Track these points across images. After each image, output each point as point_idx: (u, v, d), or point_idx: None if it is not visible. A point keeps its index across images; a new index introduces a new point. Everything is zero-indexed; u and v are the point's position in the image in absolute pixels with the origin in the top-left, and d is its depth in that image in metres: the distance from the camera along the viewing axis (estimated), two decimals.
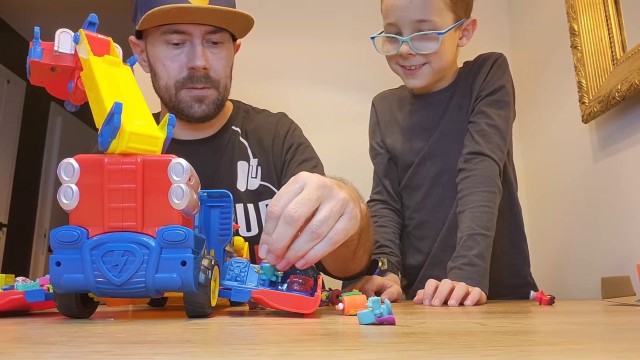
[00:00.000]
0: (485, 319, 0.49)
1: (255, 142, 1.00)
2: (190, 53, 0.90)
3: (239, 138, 1.00)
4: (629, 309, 0.64)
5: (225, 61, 0.95)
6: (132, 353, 0.26)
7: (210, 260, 0.46)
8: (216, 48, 0.93)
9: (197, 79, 0.91)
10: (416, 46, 0.92)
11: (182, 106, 0.93)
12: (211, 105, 0.94)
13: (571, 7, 1.42)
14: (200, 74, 0.91)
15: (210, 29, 0.90)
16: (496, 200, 0.88)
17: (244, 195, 0.96)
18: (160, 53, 0.92)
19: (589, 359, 0.25)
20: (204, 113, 0.93)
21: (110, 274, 0.42)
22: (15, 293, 0.50)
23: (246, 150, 0.99)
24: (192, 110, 0.92)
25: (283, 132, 1.02)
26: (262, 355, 0.26)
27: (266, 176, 0.97)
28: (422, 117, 1.05)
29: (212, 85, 0.93)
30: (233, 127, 1.02)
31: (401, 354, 0.26)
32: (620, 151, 1.23)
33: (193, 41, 0.90)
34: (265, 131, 1.02)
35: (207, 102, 0.93)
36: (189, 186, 0.44)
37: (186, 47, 0.91)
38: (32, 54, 0.50)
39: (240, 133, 1.01)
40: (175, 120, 0.46)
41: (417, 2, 0.90)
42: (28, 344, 0.31)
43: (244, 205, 0.95)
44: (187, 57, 0.90)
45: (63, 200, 0.43)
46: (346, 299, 0.51)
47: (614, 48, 1.26)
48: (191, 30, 0.89)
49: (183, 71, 0.91)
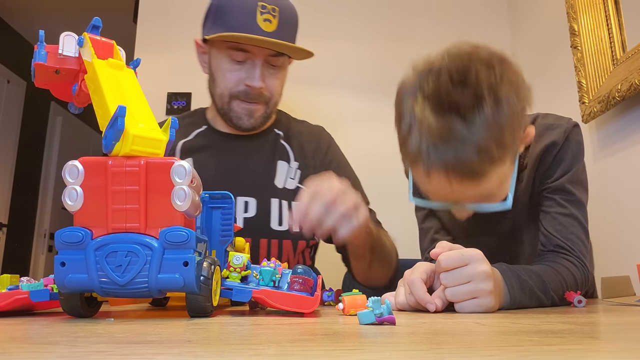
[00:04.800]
0: (485, 319, 0.49)
1: (296, 147, 1.08)
2: (250, 71, 0.98)
3: (281, 140, 1.08)
4: (629, 309, 0.64)
5: (279, 81, 1.02)
6: (133, 353, 0.26)
7: (211, 261, 0.47)
8: (274, 69, 1.00)
9: (251, 96, 0.99)
10: (479, 207, 0.72)
11: (232, 115, 1.01)
12: (259, 119, 1.02)
13: (571, 7, 1.42)
14: (255, 92, 0.98)
15: (272, 52, 0.98)
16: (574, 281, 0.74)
17: (280, 192, 1.02)
18: (223, 65, 0.99)
19: (589, 359, 0.25)
20: (252, 125, 1.02)
21: (114, 274, 0.42)
22: (20, 293, 0.50)
23: (287, 153, 1.06)
24: (240, 121, 1.01)
25: (325, 146, 1.10)
26: (262, 355, 0.26)
27: (304, 180, 1.02)
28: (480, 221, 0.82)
29: (263, 101, 1.01)
30: (275, 129, 1.09)
31: (401, 354, 0.27)
32: (620, 151, 1.23)
33: (255, 61, 0.97)
34: (307, 140, 1.09)
35: (255, 116, 1.01)
36: (191, 188, 0.44)
37: (247, 65, 0.98)
38: (37, 56, 0.50)
39: (282, 136, 1.08)
40: (177, 123, 0.46)
41: (469, 190, 0.68)
42: (28, 344, 0.31)
43: (279, 200, 1.01)
44: (246, 74, 0.98)
45: (68, 201, 0.43)
46: (346, 299, 0.51)
47: (614, 48, 1.26)
48: (255, 52, 0.97)
49: (240, 85, 0.98)
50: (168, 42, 2.01)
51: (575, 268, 0.75)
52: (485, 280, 0.58)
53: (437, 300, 0.58)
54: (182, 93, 1.96)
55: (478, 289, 0.57)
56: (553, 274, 0.71)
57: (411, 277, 0.60)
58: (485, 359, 0.25)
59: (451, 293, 0.58)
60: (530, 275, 0.67)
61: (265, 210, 1.00)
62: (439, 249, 0.60)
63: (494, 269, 0.62)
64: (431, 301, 0.57)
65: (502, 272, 0.64)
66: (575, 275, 0.75)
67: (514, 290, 0.63)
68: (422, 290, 0.59)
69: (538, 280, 0.67)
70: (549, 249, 0.78)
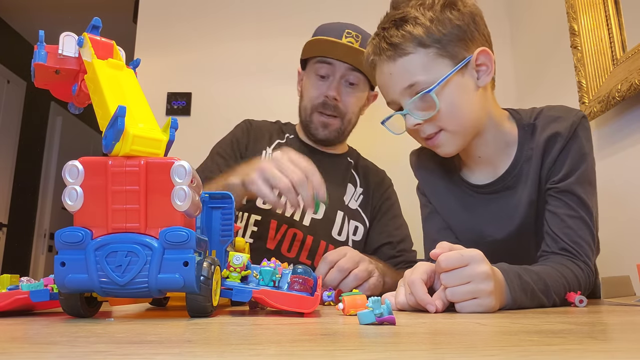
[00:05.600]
0: (485, 319, 0.49)
1: (362, 177, 1.23)
2: (329, 85, 1.13)
3: (351, 168, 1.24)
4: (629, 309, 0.64)
5: (355, 99, 1.16)
6: (133, 353, 0.26)
7: (211, 261, 0.47)
8: (351, 87, 1.15)
9: (327, 106, 1.13)
10: (417, 115, 0.79)
11: (311, 126, 1.17)
12: (333, 132, 1.16)
13: (571, 7, 1.42)
14: (331, 103, 1.13)
15: (349, 67, 1.12)
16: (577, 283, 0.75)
17: (346, 208, 1.17)
18: (309, 81, 1.16)
19: (589, 359, 0.25)
20: (326, 137, 1.17)
21: (114, 274, 0.42)
22: (20, 293, 0.50)
23: (355, 180, 1.23)
24: (317, 132, 1.16)
25: (386, 185, 1.26)
26: (262, 355, 0.26)
27: (363, 205, 1.20)
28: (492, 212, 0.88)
29: (338, 115, 1.14)
30: (348, 158, 1.25)
31: (401, 354, 0.27)
32: (620, 151, 1.23)
33: (335, 75, 1.13)
34: (372, 175, 1.26)
35: (330, 129, 1.16)
36: (191, 188, 0.44)
37: (328, 81, 1.14)
38: (37, 57, 0.50)
39: (352, 165, 1.24)
40: (177, 123, 0.46)
41: (395, 70, 0.79)
42: (28, 344, 0.31)
43: (343, 214, 1.16)
44: (326, 88, 1.13)
45: (68, 201, 0.43)
46: (346, 299, 0.51)
47: (614, 48, 1.26)
48: (335, 66, 1.12)
49: (320, 98, 1.14)
50: (168, 42, 2.01)
51: (581, 272, 0.75)
52: (486, 280, 0.58)
53: (437, 301, 0.58)
54: (182, 93, 1.96)
55: (478, 289, 0.58)
56: (557, 277, 0.71)
57: (411, 278, 0.60)
58: (485, 359, 0.25)
59: (451, 293, 0.58)
60: (532, 277, 0.67)
61: (331, 217, 1.14)
62: (439, 250, 0.60)
63: (494, 268, 0.62)
64: (432, 302, 0.57)
65: (504, 273, 0.64)
66: (579, 279, 0.75)
67: (515, 292, 0.63)
68: (423, 290, 0.59)
69: (540, 282, 0.67)
70: (555, 251, 0.78)
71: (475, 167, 0.90)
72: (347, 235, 1.15)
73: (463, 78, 0.79)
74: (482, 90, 0.81)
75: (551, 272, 0.71)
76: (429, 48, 0.77)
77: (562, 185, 0.80)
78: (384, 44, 0.79)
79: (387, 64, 0.80)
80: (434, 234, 0.93)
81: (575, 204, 0.79)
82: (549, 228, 0.80)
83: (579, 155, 0.81)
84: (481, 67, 0.80)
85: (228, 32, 2.03)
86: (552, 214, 0.80)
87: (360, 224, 1.17)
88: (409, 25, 0.78)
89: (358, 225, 1.17)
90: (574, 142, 0.81)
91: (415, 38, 0.77)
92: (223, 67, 1.99)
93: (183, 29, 2.02)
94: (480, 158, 0.88)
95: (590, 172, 0.82)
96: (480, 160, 0.88)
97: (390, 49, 0.78)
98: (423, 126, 0.80)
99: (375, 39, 0.82)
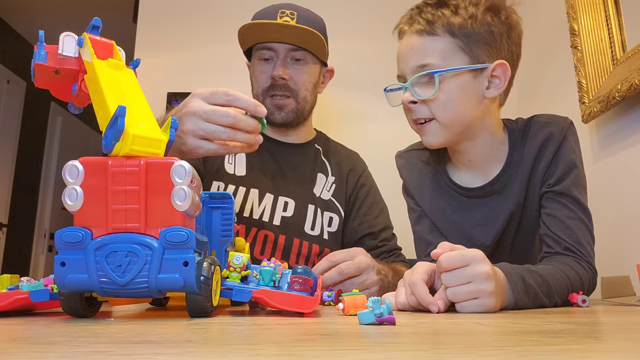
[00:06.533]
0: (485, 319, 0.49)
1: (334, 164, 1.18)
2: (274, 66, 1.09)
3: (321, 156, 1.18)
4: (629, 309, 0.65)
5: (305, 76, 1.11)
6: (133, 353, 0.26)
7: (211, 261, 0.47)
8: (298, 64, 1.10)
9: (277, 87, 1.09)
10: (416, 92, 0.80)
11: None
12: (290, 114, 1.10)
13: (571, 7, 1.42)
14: (279, 83, 1.08)
15: (291, 47, 1.08)
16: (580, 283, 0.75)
17: (317, 200, 1.12)
18: (255, 68, 1.12)
19: (589, 359, 0.25)
20: (283, 120, 1.10)
21: (114, 274, 0.42)
22: (20, 293, 0.50)
23: (326, 167, 1.17)
24: (272, 116, 1.09)
25: (360, 170, 1.21)
26: (263, 355, 0.26)
27: (336, 194, 1.15)
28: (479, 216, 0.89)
29: (291, 94, 1.10)
30: (316, 144, 1.20)
31: (401, 354, 0.27)
32: (620, 151, 1.23)
33: (279, 56, 1.08)
34: (344, 160, 1.20)
35: (285, 110, 1.10)
36: (191, 188, 0.44)
37: (272, 62, 1.09)
38: (37, 57, 0.50)
39: (322, 152, 1.19)
40: (177, 123, 0.46)
41: (417, 46, 0.80)
42: (28, 344, 0.31)
43: (315, 207, 1.11)
44: (271, 69, 1.09)
45: (68, 201, 0.43)
46: (346, 299, 0.51)
47: (614, 48, 1.26)
48: (276, 47, 1.08)
49: (267, 81, 1.09)
50: (168, 42, 2.01)
51: (584, 272, 0.76)
52: (486, 280, 0.58)
53: (439, 302, 0.58)
54: (182, 93, 1.96)
55: (479, 289, 0.58)
56: (560, 278, 0.71)
57: (412, 278, 0.60)
58: (485, 359, 0.25)
59: (452, 293, 0.58)
60: (536, 279, 0.67)
61: (302, 213, 1.09)
62: (440, 250, 0.60)
63: (496, 268, 0.62)
64: (434, 302, 0.57)
65: (507, 274, 0.63)
66: (583, 280, 0.75)
67: (518, 293, 0.63)
68: (425, 291, 0.59)
69: (544, 284, 0.67)
70: (558, 251, 0.78)
71: (466, 170, 0.90)
72: (320, 229, 1.11)
73: (473, 81, 0.80)
74: (487, 102, 0.82)
75: (555, 273, 0.71)
76: (456, 39, 0.79)
77: (558, 188, 0.81)
78: (418, 17, 0.81)
79: (413, 36, 0.81)
80: (425, 235, 0.93)
81: (573, 206, 0.80)
82: (549, 230, 0.80)
83: (570, 158, 0.82)
84: (494, 79, 0.81)
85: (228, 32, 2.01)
86: (551, 217, 0.81)
87: (334, 214, 1.13)
88: (449, 10, 0.80)
89: (333, 216, 1.12)
90: (566, 145, 0.83)
91: (448, 24, 0.79)
92: (223, 67, 1.99)
93: (183, 29, 2.02)
94: (470, 162, 0.89)
95: (582, 175, 0.84)
96: (471, 164, 0.89)
97: (422, 23, 0.80)
98: (417, 105, 0.81)
99: (414, 10, 0.84)
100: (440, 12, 0.79)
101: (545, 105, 1.63)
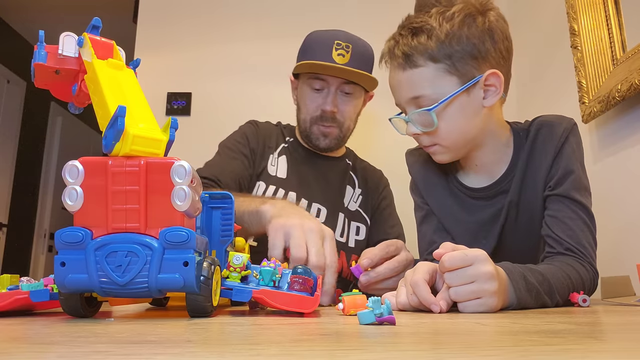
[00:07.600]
0: (485, 319, 0.49)
1: (361, 178, 1.27)
2: (325, 98, 1.16)
3: (350, 171, 1.27)
4: (629, 309, 0.65)
5: (352, 108, 1.19)
6: (133, 353, 0.26)
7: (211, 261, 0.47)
8: (346, 97, 1.17)
9: (325, 119, 1.17)
10: (417, 126, 0.81)
11: (312, 137, 1.19)
12: (333, 141, 1.19)
13: (571, 7, 1.42)
14: (328, 115, 1.16)
15: (344, 81, 1.15)
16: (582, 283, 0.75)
17: (345, 210, 1.21)
18: (305, 94, 1.18)
19: (589, 359, 0.25)
20: (327, 146, 1.20)
21: (114, 274, 0.42)
22: (20, 293, 0.50)
23: (354, 181, 1.26)
24: (318, 142, 1.19)
25: (382, 186, 1.30)
26: (263, 355, 0.26)
27: (362, 205, 1.24)
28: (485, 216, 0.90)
29: (337, 125, 1.18)
30: (347, 160, 1.29)
31: (401, 354, 0.27)
32: (620, 151, 1.23)
33: (330, 89, 1.15)
34: (370, 176, 1.30)
35: (330, 138, 1.19)
36: (191, 188, 0.44)
37: (324, 93, 1.16)
38: (37, 57, 0.50)
39: (351, 167, 1.28)
40: (177, 123, 0.46)
41: (403, 80, 0.80)
42: (28, 344, 0.31)
43: (344, 216, 1.19)
44: (322, 101, 1.16)
45: (68, 201, 0.43)
46: (346, 299, 0.51)
47: (614, 48, 1.26)
48: (329, 80, 1.15)
49: (317, 111, 1.17)
50: (168, 42, 2.01)
51: (586, 273, 0.76)
52: (489, 280, 0.58)
53: (442, 302, 0.58)
54: (182, 93, 1.96)
55: (482, 289, 0.58)
56: (562, 278, 0.71)
57: (414, 278, 0.60)
58: (485, 359, 0.25)
59: (455, 292, 0.58)
60: (538, 278, 0.67)
61: (333, 220, 1.16)
62: (442, 250, 0.60)
63: (498, 268, 0.62)
64: (436, 302, 0.57)
65: (509, 273, 0.63)
66: (584, 279, 0.75)
67: (520, 292, 0.63)
68: (427, 291, 0.59)
69: (545, 283, 0.67)
70: (559, 252, 0.78)
71: (472, 173, 0.91)
72: (347, 237, 1.18)
73: (468, 97, 0.79)
74: (487, 110, 0.82)
75: (556, 272, 0.71)
76: (439, 63, 0.78)
77: (558, 191, 0.82)
78: (397, 51, 0.81)
79: (397, 71, 0.82)
80: (430, 235, 0.93)
81: (575, 207, 0.81)
82: (550, 231, 0.80)
83: (569, 162, 0.82)
84: (490, 88, 0.80)
85: (228, 32, 2.03)
86: (553, 218, 0.81)
87: (361, 224, 1.21)
88: (424, 36, 0.78)
89: (360, 226, 1.21)
90: (567, 147, 0.83)
91: (427, 51, 0.78)
92: (223, 67, 1.99)
93: (183, 29, 2.02)
94: (477, 166, 0.90)
95: (583, 178, 0.84)
96: (478, 168, 0.90)
97: (402, 57, 0.80)
98: (421, 137, 0.83)
99: (391, 41, 0.83)
100: (415, 41, 0.78)
101: (545, 105, 1.63)
